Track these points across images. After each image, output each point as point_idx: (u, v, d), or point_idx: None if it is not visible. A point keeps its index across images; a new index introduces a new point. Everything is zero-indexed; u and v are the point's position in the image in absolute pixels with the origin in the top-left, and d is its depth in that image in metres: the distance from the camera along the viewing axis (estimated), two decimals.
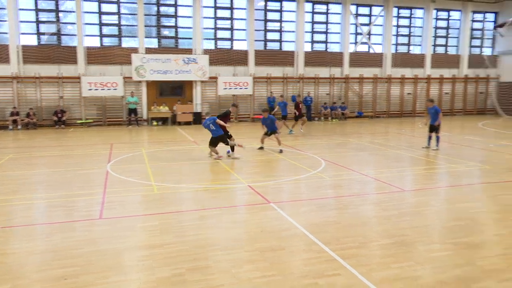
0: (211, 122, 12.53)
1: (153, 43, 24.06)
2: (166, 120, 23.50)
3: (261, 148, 14.34)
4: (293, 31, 25.92)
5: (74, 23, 22.47)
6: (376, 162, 12.51)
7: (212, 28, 24.85)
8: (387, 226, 6.77)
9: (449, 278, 4.91)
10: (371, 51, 27.92)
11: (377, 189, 9.28)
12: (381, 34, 27.92)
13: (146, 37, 23.56)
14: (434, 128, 14.36)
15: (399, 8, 28.10)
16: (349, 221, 6.98)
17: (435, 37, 29.46)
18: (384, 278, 4.90)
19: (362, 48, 27.97)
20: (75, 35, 22.50)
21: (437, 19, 29.25)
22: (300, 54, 25.77)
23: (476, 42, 30.83)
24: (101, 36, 23.21)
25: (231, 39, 25.13)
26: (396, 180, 9.97)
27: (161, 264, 5.30)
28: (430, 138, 14.58)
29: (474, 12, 29.81)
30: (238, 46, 25.25)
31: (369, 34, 27.78)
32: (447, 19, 29.67)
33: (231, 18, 24.93)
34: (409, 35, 28.99)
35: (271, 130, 14.19)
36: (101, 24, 23.16)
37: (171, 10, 24.23)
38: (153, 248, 5.81)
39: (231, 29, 25.07)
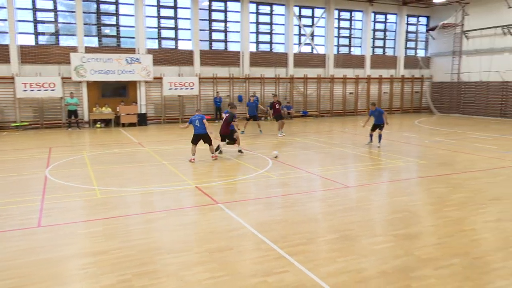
0: (198, 119, 12.31)
1: (94, 42, 23.16)
2: (109, 121, 22.72)
3: (241, 151, 13.51)
4: (238, 32, 26.01)
5: (5, 20, 21.11)
6: (321, 160, 12.86)
7: (156, 27, 24.35)
8: (333, 221, 6.99)
9: (390, 269, 5.16)
10: (315, 52, 28.65)
11: (323, 186, 9.54)
12: (323, 36, 28.73)
13: (85, 35, 22.63)
14: (377, 127, 15.17)
15: (339, 10, 29.04)
16: (296, 218, 7.13)
17: (374, 39, 30.77)
18: (331, 272, 5.05)
19: (306, 49, 28.62)
20: (6, 32, 21.14)
21: (375, 21, 30.56)
22: (245, 54, 25.92)
23: (411, 44, 32.58)
24: (36, 34, 21.98)
25: (175, 39, 24.77)
26: (341, 177, 10.31)
27: (106, 271, 5.13)
28: (371, 136, 15.44)
29: (409, 15, 31.47)
30: (183, 46, 24.94)
31: (312, 35, 28.48)
32: (385, 22, 31.10)
33: (175, 18, 24.57)
34: (349, 37, 30.06)
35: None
36: (36, 22, 21.93)
37: (112, 8, 23.44)
38: (98, 255, 5.61)
39: (175, 28, 24.71)
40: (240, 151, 13.47)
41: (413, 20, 32.02)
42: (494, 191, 8.91)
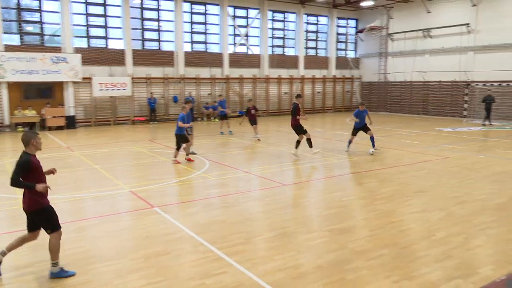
0: (178, 119, 12.04)
1: (15, 40, 21.62)
2: (33, 125, 21.31)
3: (193, 153, 13.13)
4: (172, 31, 25.56)
5: None
6: (258, 160, 13.01)
7: (84, 25, 23.24)
8: (270, 220, 7.09)
9: (325, 263, 5.34)
10: (250, 52, 28.92)
11: (260, 185, 9.66)
12: (258, 36, 29.08)
13: (5, 33, 21.05)
14: (361, 130, 13.65)
15: (273, 11, 29.57)
16: (234, 218, 7.15)
17: (307, 40, 31.69)
18: (268, 270, 5.13)
19: (241, 49, 28.81)
20: None
21: (307, 23, 31.49)
22: (180, 54, 25.54)
23: (342, 46, 33.97)
24: None
25: (105, 38, 23.80)
26: (277, 176, 10.50)
27: (35, 285, 4.81)
28: (351, 142, 13.97)
29: (339, 18, 32.79)
30: (113, 44, 24.02)
31: (247, 35, 28.72)
32: (316, 24, 32.15)
33: (104, 15, 23.60)
34: (283, 38, 30.70)
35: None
36: None
37: (34, 4, 22.00)
38: (24, 268, 5.24)
39: (105, 26, 23.75)
40: (192, 153, 13.15)
41: (343, 22, 33.40)
42: (419, 184, 9.54)
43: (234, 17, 27.96)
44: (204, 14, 26.91)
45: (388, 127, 21.72)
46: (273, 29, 29.93)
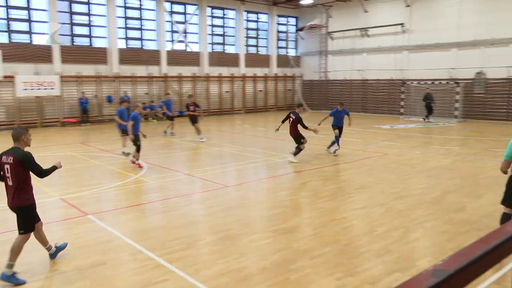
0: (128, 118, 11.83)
1: None
2: None
3: (128, 154, 12.62)
4: (104, 26, 24.63)
5: None
6: (200, 161, 12.89)
7: (4, 19, 21.75)
8: (213, 223, 7.05)
9: (270, 264, 5.39)
10: (189, 49, 28.58)
11: (202, 187, 9.57)
12: (197, 33, 28.82)
13: None
14: (336, 129, 13.60)
15: (212, 8, 29.45)
16: (175, 223, 7.02)
17: (247, 37, 31.89)
18: (211, 275, 5.09)
19: (180, 46, 28.40)
20: None
21: (247, 20, 31.70)
22: (113, 51, 24.67)
23: (283, 44, 34.57)
24: None
25: (29, 32, 22.43)
26: (220, 177, 10.46)
27: None
28: (338, 139, 13.62)
29: (279, 16, 33.34)
30: (39, 40, 22.70)
31: (185, 32, 28.37)
32: (257, 21, 32.46)
33: (27, 8, 22.24)
34: (223, 35, 30.68)
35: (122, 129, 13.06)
36: None
37: None
38: None
39: (29, 21, 22.38)
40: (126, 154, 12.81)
41: (283, 20, 33.99)
42: (360, 181, 9.93)
43: (172, 12, 27.50)
44: (139, 9, 26.21)
45: (329, 125, 22.35)
46: (213, 26, 29.81)
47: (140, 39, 26.46)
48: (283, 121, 12.90)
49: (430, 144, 15.71)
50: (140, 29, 26.44)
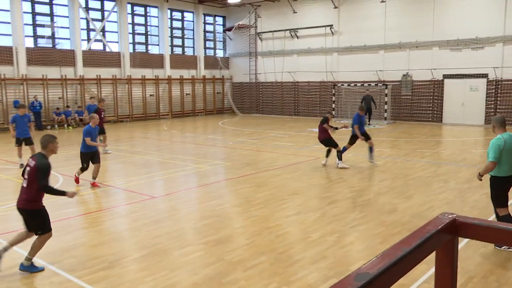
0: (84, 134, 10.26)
1: None
2: None
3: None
4: (8, 23, 23.10)
5: None
6: (123, 171, 12.51)
7: None
8: (139, 237, 6.87)
9: (201, 278, 5.37)
10: (108, 49, 27.65)
11: (127, 199, 9.29)
12: (116, 32, 27.97)
13: None
14: (362, 138, 12.35)
15: (133, 4, 28.76)
16: (96, 240, 6.75)
17: (172, 37, 31.53)
18: None
19: (97, 46, 27.39)
20: None
21: (172, 19, 31.34)
22: (20, 50, 23.21)
23: (210, 44, 34.61)
24: None
25: None
26: (146, 188, 10.22)
27: None
28: (345, 150, 12.67)
29: (206, 14, 33.35)
30: None
31: (103, 30, 27.42)
32: (182, 20, 32.20)
33: None
34: (146, 34, 30.07)
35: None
36: None
37: None
38: None
39: None
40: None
41: (210, 19, 34.04)
42: (293, 186, 10.19)
43: (87, 9, 26.46)
44: (50, 4, 24.92)
45: (261, 129, 22.75)
46: (134, 24, 29.12)
47: (52, 37, 25.16)
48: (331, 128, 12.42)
49: (361, 146, 16.50)
50: (51, 26, 25.13)
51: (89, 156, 10.32)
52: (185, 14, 32.23)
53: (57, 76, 24.85)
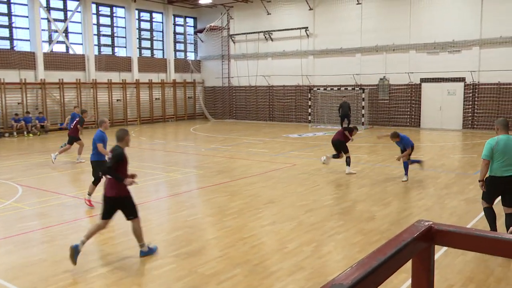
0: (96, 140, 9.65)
1: None
2: None
3: None
4: None
5: None
6: (88, 181, 12.25)
7: None
8: (106, 251, 6.76)
9: None
10: (71, 52, 27.22)
11: (91, 211, 9.13)
12: (80, 33, 27.57)
13: None
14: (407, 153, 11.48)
15: (98, 4, 28.41)
16: (59, 255, 6.61)
17: (140, 39, 31.27)
18: None
19: (60, 48, 26.92)
20: None
21: (140, 20, 31.10)
22: None
23: (181, 47, 34.47)
24: None
25: None
26: None
27: None
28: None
29: (176, 15, 33.24)
30: None
31: (66, 32, 26.99)
32: (150, 21, 31.99)
33: None
34: (112, 36, 29.73)
35: None
36: None
37: None
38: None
39: None
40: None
41: (180, 20, 33.94)
42: (268, 195, 10.22)
43: (48, 8, 26.01)
44: (7, 3, 24.38)
45: (234, 135, 22.76)
46: (100, 25, 28.76)
47: (10, 38, 24.60)
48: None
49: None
50: (9, 27, 24.59)
51: (100, 165, 9.10)
52: (154, 15, 32.05)
53: (15, 79, 24.28)
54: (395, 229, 7.63)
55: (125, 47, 30.31)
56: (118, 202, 6.44)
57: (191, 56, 35.05)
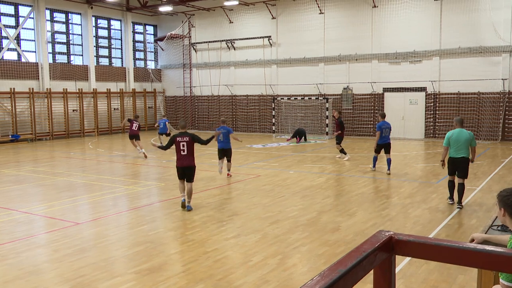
0: (224, 133, 13.46)
1: None
2: None
3: None
4: None
5: None
6: (42, 195, 11.95)
7: None
8: (61, 269, 6.57)
9: None
10: (23, 59, 26.49)
11: (46, 227, 8.88)
12: (33, 40, 26.89)
13: None
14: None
15: (52, 10, 27.81)
16: (9, 274, 6.38)
17: (98, 47, 30.77)
18: None
19: (11, 55, 26.16)
20: None
21: (97, 27, 30.64)
22: None
23: (140, 55, 34.13)
24: None
25: None
26: (69, 213, 9.83)
27: None
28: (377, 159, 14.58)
29: (135, 23, 32.93)
30: None
31: (18, 39, 26.27)
32: (108, 28, 31.56)
33: None
34: (67, 43, 29.13)
35: None
36: None
37: None
38: None
39: None
40: None
41: (140, 28, 33.65)
42: (232, 207, 10.21)
43: None
44: None
45: (196, 146, 22.58)
46: (54, 32, 28.15)
47: None
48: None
49: (303, 162, 16.88)
50: None
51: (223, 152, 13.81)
52: (112, 22, 31.66)
53: None
54: (360, 239, 7.76)
55: (82, 55, 29.75)
56: (190, 170, 9.97)
57: (151, 65, 34.75)
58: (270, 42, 28.75)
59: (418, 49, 23.91)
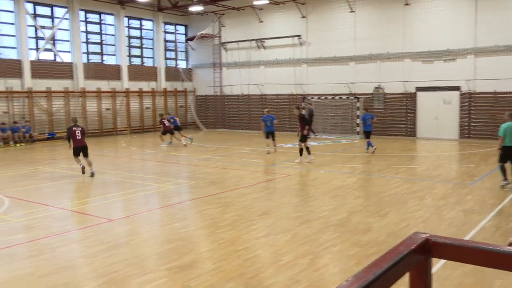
0: (270, 120, 18.53)
1: None
2: None
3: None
4: None
5: None
6: (77, 192, 12.26)
7: None
8: (94, 265, 6.73)
9: None
10: (59, 59, 27.18)
11: (80, 223, 9.10)
12: (68, 41, 27.56)
13: None
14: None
15: (86, 11, 28.43)
16: (46, 269, 6.57)
17: (130, 47, 31.29)
18: None
19: (47, 55, 26.88)
20: None
21: (129, 27, 31.15)
22: None
23: (171, 55, 34.53)
24: None
25: None
26: (102, 210, 10.03)
27: None
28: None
29: (166, 23, 33.32)
30: None
31: (53, 39, 26.97)
32: (140, 29, 32.06)
33: None
34: (101, 43, 29.74)
35: None
36: None
37: None
38: None
39: None
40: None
41: (171, 28, 34.04)
42: (262, 206, 10.22)
43: (35, 15, 26.00)
44: None
45: (227, 145, 22.78)
46: (88, 32, 28.79)
47: None
48: None
49: (334, 162, 16.76)
50: None
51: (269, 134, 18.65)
52: (144, 22, 32.13)
53: (1, 88, 24.21)
54: (392, 241, 7.65)
55: (114, 55, 30.32)
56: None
57: (182, 64, 35.10)
58: (300, 41, 28.63)
59: (452, 48, 23.36)
